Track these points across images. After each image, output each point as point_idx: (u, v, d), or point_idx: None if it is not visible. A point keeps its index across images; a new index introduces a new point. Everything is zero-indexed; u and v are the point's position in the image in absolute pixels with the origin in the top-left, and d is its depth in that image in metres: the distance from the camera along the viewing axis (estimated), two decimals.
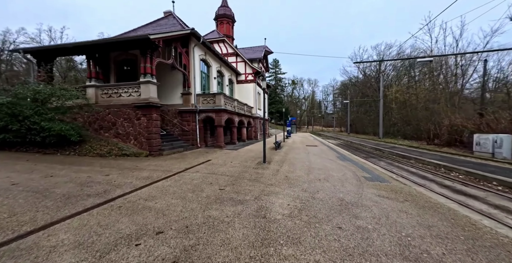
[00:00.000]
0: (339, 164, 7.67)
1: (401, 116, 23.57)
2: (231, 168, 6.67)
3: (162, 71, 12.41)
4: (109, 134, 9.13)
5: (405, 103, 23.36)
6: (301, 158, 8.87)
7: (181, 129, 12.16)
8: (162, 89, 12.48)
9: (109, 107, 9.07)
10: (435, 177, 7.32)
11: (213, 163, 7.46)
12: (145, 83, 8.69)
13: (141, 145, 8.82)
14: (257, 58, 22.24)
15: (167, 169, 6.29)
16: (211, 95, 12.42)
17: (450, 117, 14.49)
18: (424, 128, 17.32)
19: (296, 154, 10.16)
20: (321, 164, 7.58)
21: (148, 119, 8.72)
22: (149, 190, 4.31)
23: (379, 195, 4.08)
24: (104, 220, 2.87)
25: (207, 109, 12.32)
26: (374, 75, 37.45)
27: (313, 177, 5.51)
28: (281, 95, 68.89)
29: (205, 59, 13.83)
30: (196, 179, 5.26)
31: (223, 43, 20.89)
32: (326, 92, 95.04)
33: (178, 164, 7.22)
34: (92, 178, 5.00)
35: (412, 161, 10.22)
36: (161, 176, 5.49)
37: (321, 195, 4.05)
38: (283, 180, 5.26)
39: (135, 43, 8.61)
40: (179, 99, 12.27)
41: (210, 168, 6.56)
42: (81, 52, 9.63)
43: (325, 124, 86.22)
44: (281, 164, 7.51)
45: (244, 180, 5.18)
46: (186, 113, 12.06)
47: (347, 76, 52.19)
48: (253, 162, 7.77)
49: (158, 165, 6.93)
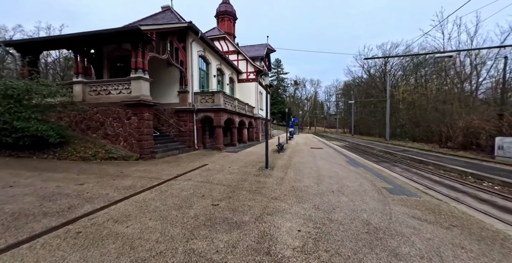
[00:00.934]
0: (351, 170, 6.80)
1: (409, 118, 22.54)
2: (229, 174, 5.84)
3: (157, 67, 11.66)
4: (97, 134, 8.36)
5: (413, 103, 22.35)
6: (307, 163, 8.02)
7: (178, 130, 11.38)
8: (157, 87, 11.73)
9: (97, 106, 8.31)
10: (466, 187, 6.41)
11: (209, 168, 6.65)
12: (136, 79, 7.92)
13: (132, 147, 8.04)
14: (259, 57, 21.45)
15: (156, 176, 5.49)
16: (210, 94, 11.63)
17: (466, 118, 13.52)
18: (435, 130, 16.36)
19: (301, 158, 9.31)
20: (331, 170, 6.72)
21: (139, 119, 7.94)
22: (125, 205, 3.50)
23: (414, 215, 3.22)
24: (46, 259, 2.06)
25: (206, 109, 11.53)
26: (379, 75, 36.42)
27: (324, 188, 4.66)
28: (283, 95, 68.02)
29: (204, 56, 13.05)
30: (186, 189, 4.44)
31: (224, 41, 20.14)
32: (329, 93, 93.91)
33: (169, 169, 6.41)
34: (61, 188, 4.20)
35: (430, 166, 9.30)
36: (146, 185, 4.68)
37: (339, 216, 3.21)
38: (289, 191, 4.42)
39: (125, 36, 7.85)
40: (176, 98, 11.50)
41: (205, 175, 5.74)
42: (67, 46, 8.88)
43: (328, 126, 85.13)
44: (286, 170, 6.67)
45: (243, 191, 4.35)
46: (183, 113, 11.27)
47: (351, 76, 51.21)
48: (254, 167, 6.94)
49: (147, 170, 6.13)
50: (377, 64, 36.42)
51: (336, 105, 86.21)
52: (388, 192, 4.45)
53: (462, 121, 13.69)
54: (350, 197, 4.07)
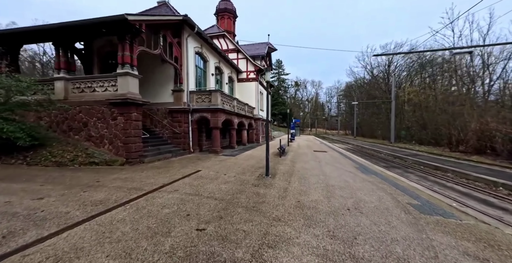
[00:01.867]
0: (364, 179, 5.98)
1: (416, 120, 21.69)
2: (223, 184, 5.03)
3: (150, 64, 10.91)
4: (79, 136, 7.57)
5: (420, 105, 21.53)
6: (313, 169, 7.20)
7: (172, 132, 10.59)
8: (150, 86, 10.97)
9: (81, 105, 7.53)
10: (504, 202, 5.50)
11: (202, 176, 5.84)
12: (123, 75, 7.15)
13: (117, 150, 7.24)
14: (259, 55, 20.72)
15: (137, 186, 4.68)
16: (207, 93, 10.85)
17: (480, 120, 12.67)
18: (445, 133, 15.52)
19: (305, 163, 8.48)
20: (341, 178, 5.90)
21: (126, 119, 7.15)
22: (83, 231, 2.69)
23: (466, 251, 2.39)
24: None
25: (202, 109, 10.75)
26: (383, 76, 35.64)
27: (337, 204, 3.84)
28: (284, 96, 67.31)
29: (201, 53, 12.30)
30: (169, 205, 3.63)
31: (223, 39, 19.43)
32: (330, 94, 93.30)
33: (156, 176, 5.61)
34: (11, 204, 3.40)
35: (449, 174, 8.42)
36: (122, 199, 3.87)
37: (364, 250, 2.39)
38: (295, 208, 3.60)
39: (110, 26, 7.08)
40: (170, 97, 10.72)
41: (195, 185, 4.93)
42: (46, 38, 8.10)
43: (329, 127, 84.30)
44: (289, 177, 5.85)
45: (238, 208, 3.54)
46: (178, 113, 10.49)
47: (354, 77, 50.46)
48: (253, 174, 6.13)
49: (129, 178, 5.32)
50: (380, 64, 35.69)
51: (337, 106, 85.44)
52: (416, 210, 3.63)
53: (476, 124, 12.85)
54: (371, 218, 3.24)
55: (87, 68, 11.46)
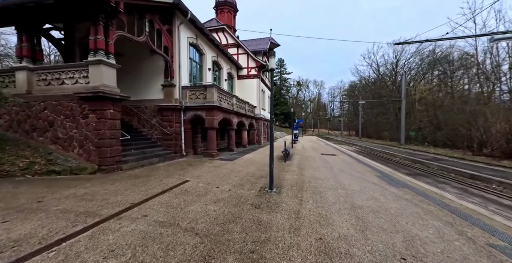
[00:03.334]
0: (396, 194, 4.63)
1: (429, 120, 20.21)
2: (212, 204, 3.72)
3: (138, 56, 9.66)
4: (44, 138, 6.31)
5: (433, 104, 20.04)
6: (326, 179, 5.86)
7: (162, 132, 9.31)
8: (137, 80, 9.71)
9: (46, 100, 6.27)
10: None
11: (187, 190, 4.53)
12: (95, 64, 5.87)
13: (89, 155, 5.96)
14: (261, 51, 19.41)
15: (93, 209, 3.38)
16: (201, 88, 9.55)
17: (511, 122, 11.24)
18: (465, 134, 14.09)
19: (315, 170, 7.15)
20: (366, 194, 4.57)
21: (99, 118, 5.87)
22: None
23: None
24: None
25: (196, 107, 9.46)
26: (390, 74, 34.13)
27: (381, 245, 2.51)
28: (286, 96, 65.98)
29: (196, 44, 11.02)
30: (121, 249, 2.33)
31: (222, 33, 18.16)
32: (333, 94, 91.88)
33: (127, 191, 4.31)
34: None
35: (495, 186, 6.89)
36: (54, 235, 2.57)
37: None
38: (317, 255, 2.28)
39: (78, 3, 5.79)
40: (160, 93, 9.44)
41: (174, 205, 3.63)
42: (8, 21, 6.81)
43: (332, 128, 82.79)
44: (299, 192, 4.53)
45: (229, 257, 2.22)
46: (168, 111, 9.20)
47: (359, 75, 49.00)
48: (254, 187, 4.82)
49: (89, 195, 4.03)
50: (387, 62, 34.18)
51: (340, 106, 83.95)
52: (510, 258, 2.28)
53: (503, 125, 11.44)
54: None
55: (67, 61, 10.23)
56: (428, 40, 11.74)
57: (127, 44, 9.59)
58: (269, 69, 4.72)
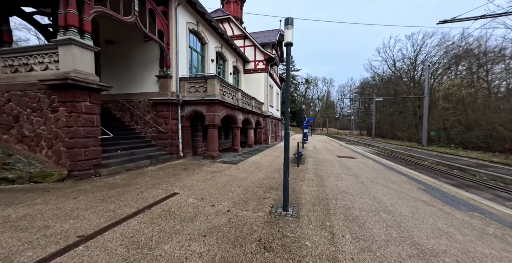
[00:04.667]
0: (471, 225, 3.22)
1: (458, 119, 18.10)
2: (199, 239, 2.45)
3: (131, 44, 8.54)
4: (9, 135, 5.25)
5: (463, 101, 17.92)
6: (356, 193, 4.47)
7: (157, 130, 8.16)
8: (130, 71, 8.60)
9: (10, 89, 5.21)
10: None
11: (169, 210, 3.29)
12: (65, 44, 4.71)
13: (59, 158, 4.85)
14: (270, 43, 17.97)
15: (10, 250, 2.18)
16: (201, 80, 8.31)
17: None
18: (507, 136, 12.17)
19: (337, 178, 5.76)
20: (426, 222, 3.17)
21: (71, 112, 4.73)
22: None
23: None
24: None
25: (196, 101, 8.24)
26: (407, 69, 31.71)
27: None
28: (295, 94, 64.16)
29: (197, 32, 9.78)
30: None
31: (228, 23, 16.87)
32: (342, 93, 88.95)
33: (86, 212, 3.12)
34: None
35: None
36: None
37: None
38: None
39: None
40: (154, 85, 8.28)
41: (143, 241, 2.39)
42: None
43: (341, 127, 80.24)
44: (326, 218, 3.19)
45: None
46: (163, 105, 8.04)
47: (373, 71, 46.50)
48: (261, 205, 3.52)
49: (27, 218, 2.86)
50: (405, 57, 31.78)
51: (350, 105, 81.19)
52: None
53: None
54: None
55: None
56: (485, 16, 9.82)
57: (119, 30, 8.52)
58: (285, 44, 3.39)
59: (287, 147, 3.41)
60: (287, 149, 3.39)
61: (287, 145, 3.42)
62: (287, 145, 3.42)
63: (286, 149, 3.38)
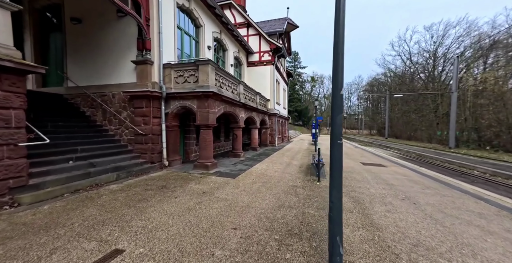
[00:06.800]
0: None
1: (497, 117, 15.65)
2: None
3: (103, 22, 6.74)
4: None
5: (502, 97, 15.51)
6: (445, 246, 2.51)
7: (134, 132, 6.35)
8: (101, 56, 6.81)
9: None
10: None
11: None
12: None
13: None
14: (276, 32, 15.99)
15: None
16: (191, 67, 6.41)
17: None
18: None
19: (387, 208, 3.79)
20: None
21: None
22: None
23: None
24: None
25: (183, 94, 6.38)
26: (424, 62, 29.05)
27: None
28: (300, 92, 61.88)
29: (188, 9, 7.91)
30: None
31: (229, 10, 15.00)
32: (350, 91, 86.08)
33: None
34: None
35: None
36: None
37: None
38: None
39: None
40: (131, 74, 6.46)
41: None
42: None
43: (348, 126, 77.53)
44: None
45: None
46: (141, 100, 6.20)
47: (386, 66, 43.86)
48: None
49: None
50: (423, 49, 29.15)
51: (358, 103, 78.31)
52: None
53: None
54: None
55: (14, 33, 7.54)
56: None
57: (87, 3, 6.74)
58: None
59: (339, 180, 1.47)
60: (337, 185, 1.45)
61: (339, 174, 1.49)
62: (338, 175, 1.48)
63: (336, 186, 1.45)
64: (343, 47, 1.59)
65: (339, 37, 1.56)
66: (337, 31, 1.59)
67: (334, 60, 1.58)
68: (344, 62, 1.59)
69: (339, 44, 1.56)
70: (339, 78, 1.59)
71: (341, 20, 1.59)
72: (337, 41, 1.56)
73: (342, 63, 1.56)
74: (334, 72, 1.62)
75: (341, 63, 1.56)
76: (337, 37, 1.57)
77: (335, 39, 1.63)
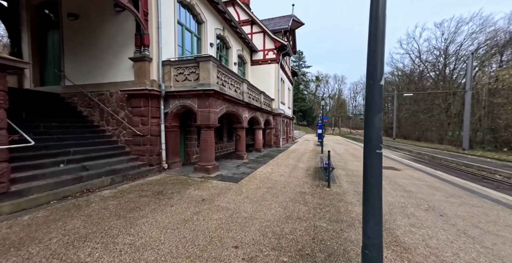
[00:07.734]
0: None
1: None
2: None
3: (100, 18, 6.45)
4: None
5: None
6: None
7: (132, 133, 6.02)
8: (99, 54, 6.52)
9: None
10: None
11: None
12: None
13: None
14: (281, 30, 15.52)
15: None
16: (192, 64, 6.04)
17: None
18: None
19: (410, 221, 3.32)
20: None
21: None
22: None
23: None
24: None
25: (183, 93, 6.01)
26: (435, 60, 28.02)
27: None
28: (305, 92, 61.15)
29: (189, 4, 7.56)
30: None
31: (233, 7, 14.61)
32: (355, 90, 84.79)
33: None
34: None
35: None
36: None
37: None
38: None
39: None
40: (129, 71, 6.13)
41: None
42: None
43: (354, 126, 76.22)
44: None
45: None
46: (139, 99, 5.87)
47: (394, 65, 42.82)
48: None
49: None
50: (433, 47, 28.13)
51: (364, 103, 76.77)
52: None
53: None
54: None
55: (11, 30, 7.37)
56: None
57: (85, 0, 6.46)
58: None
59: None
60: None
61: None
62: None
63: None
64: (384, 14, 1.15)
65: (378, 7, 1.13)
66: None
67: (372, 36, 1.15)
68: (385, 41, 1.15)
69: (379, 13, 1.12)
70: (378, 64, 1.16)
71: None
72: (376, 9, 1.13)
73: (383, 40, 1.13)
74: (370, 56, 1.19)
75: (381, 40, 1.13)
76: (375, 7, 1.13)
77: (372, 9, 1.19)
